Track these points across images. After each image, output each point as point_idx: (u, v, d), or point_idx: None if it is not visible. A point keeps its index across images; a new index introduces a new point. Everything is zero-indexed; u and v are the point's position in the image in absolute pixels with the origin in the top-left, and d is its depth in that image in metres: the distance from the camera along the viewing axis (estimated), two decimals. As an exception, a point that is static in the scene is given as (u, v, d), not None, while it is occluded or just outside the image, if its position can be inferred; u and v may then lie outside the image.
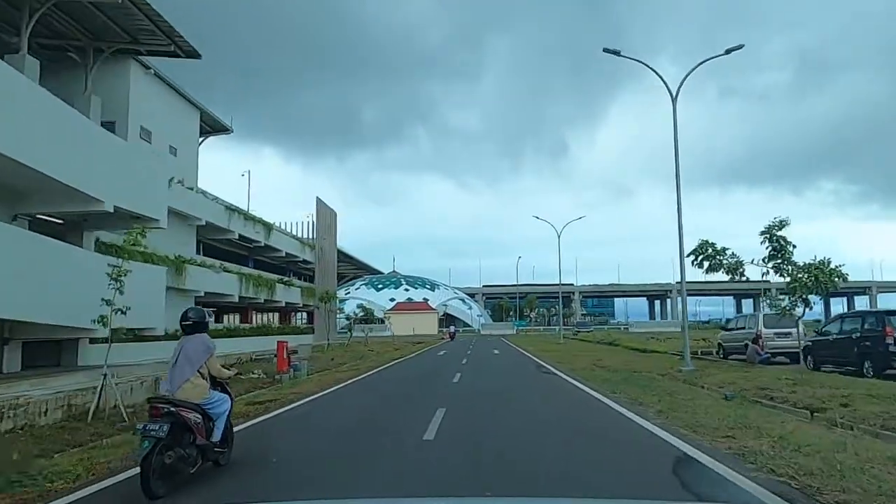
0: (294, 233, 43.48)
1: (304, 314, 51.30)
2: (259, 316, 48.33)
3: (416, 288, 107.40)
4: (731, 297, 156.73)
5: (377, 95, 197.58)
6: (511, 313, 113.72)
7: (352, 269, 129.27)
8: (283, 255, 38.13)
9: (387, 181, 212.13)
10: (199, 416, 5.81)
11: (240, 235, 31.08)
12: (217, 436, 6.08)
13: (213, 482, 5.85)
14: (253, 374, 21.28)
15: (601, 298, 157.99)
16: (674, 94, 18.76)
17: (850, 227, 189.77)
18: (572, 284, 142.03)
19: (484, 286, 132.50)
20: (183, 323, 6.27)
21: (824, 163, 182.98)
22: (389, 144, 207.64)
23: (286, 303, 37.35)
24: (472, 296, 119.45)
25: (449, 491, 5.59)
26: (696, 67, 18.83)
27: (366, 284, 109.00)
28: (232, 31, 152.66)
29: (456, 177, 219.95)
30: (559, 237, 44.16)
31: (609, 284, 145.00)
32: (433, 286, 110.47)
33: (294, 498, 5.38)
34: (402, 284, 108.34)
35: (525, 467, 6.39)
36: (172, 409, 5.55)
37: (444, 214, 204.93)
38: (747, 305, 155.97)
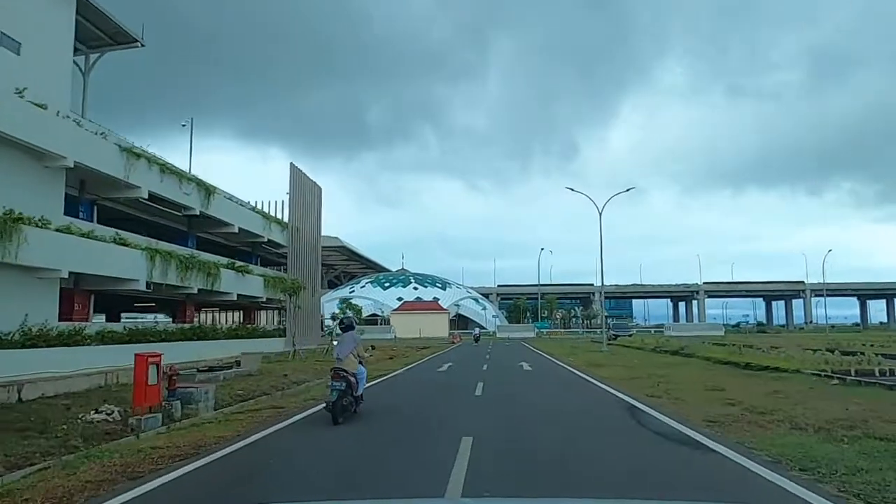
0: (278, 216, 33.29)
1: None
2: (216, 314, 38.17)
3: (426, 286, 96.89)
4: (762, 299, 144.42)
5: (384, 96, 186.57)
6: (528, 314, 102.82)
7: (360, 267, 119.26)
8: (236, 231, 27.79)
9: (396, 183, 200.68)
10: (354, 379, 9.58)
11: (152, 195, 20.82)
12: (360, 391, 9.88)
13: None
14: (96, 413, 11.03)
15: (620, 300, 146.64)
16: None
17: (869, 229, 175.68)
18: (592, 284, 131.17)
19: (499, 286, 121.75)
20: (340, 326, 10.96)
21: (841, 162, 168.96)
22: (398, 146, 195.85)
23: (239, 296, 27.10)
24: (486, 296, 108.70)
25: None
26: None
27: (372, 282, 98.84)
28: (238, 32, 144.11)
29: (466, 178, 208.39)
30: (601, 214, 33.63)
31: (631, 284, 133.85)
32: (444, 285, 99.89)
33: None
34: (410, 283, 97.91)
35: None
36: (344, 373, 9.35)
37: (455, 215, 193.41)
38: (778, 307, 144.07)
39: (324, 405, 9.39)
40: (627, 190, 35.52)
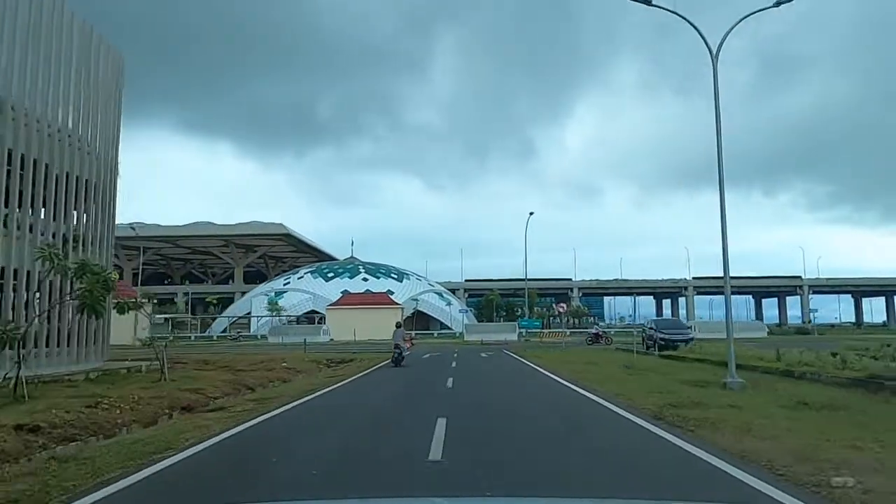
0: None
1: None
2: None
3: (379, 278, 76.04)
4: (751, 297, 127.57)
5: (337, 92, 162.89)
6: (502, 311, 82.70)
7: (312, 259, 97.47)
8: None
9: (353, 180, 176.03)
10: (404, 348, 22.32)
11: None
12: (404, 355, 21.96)
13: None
14: None
15: (602, 296, 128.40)
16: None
17: (825, 230, 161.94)
18: (570, 279, 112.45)
19: (467, 280, 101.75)
20: (396, 325, 24.39)
21: (797, 163, 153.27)
22: (353, 144, 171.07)
23: None
24: (452, 291, 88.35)
25: None
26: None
27: (312, 273, 77.68)
28: (179, 23, 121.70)
29: (425, 176, 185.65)
30: (715, 59, 13.69)
31: (613, 280, 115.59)
32: (401, 276, 79.03)
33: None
34: (359, 273, 76.93)
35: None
36: (401, 346, 21.97)
37: (417, 214, 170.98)
38: (770, 306, 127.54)
39: (390, 360, 21.63)
40: (755, 11, 14.68)
